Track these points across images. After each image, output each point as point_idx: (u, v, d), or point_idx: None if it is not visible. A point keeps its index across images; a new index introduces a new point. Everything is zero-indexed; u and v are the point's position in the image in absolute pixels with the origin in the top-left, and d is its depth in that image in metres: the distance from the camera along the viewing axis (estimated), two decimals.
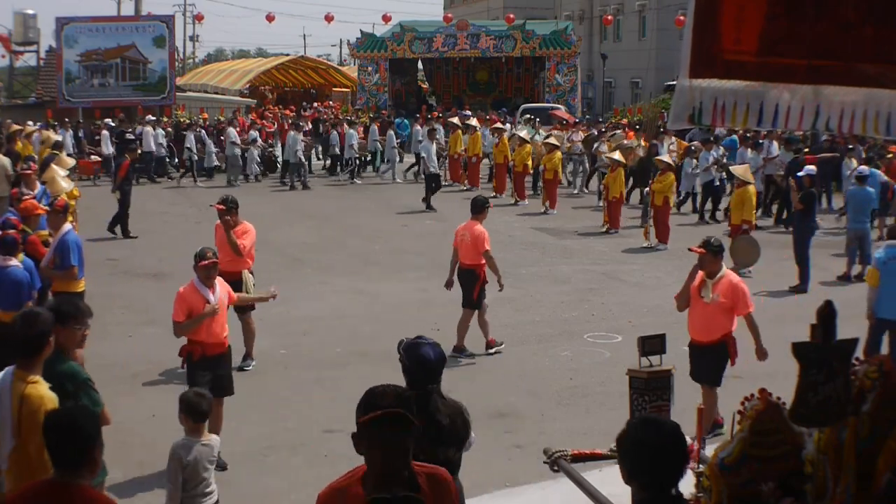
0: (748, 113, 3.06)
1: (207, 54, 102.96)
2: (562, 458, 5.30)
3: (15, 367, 5.03)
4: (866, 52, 3.00)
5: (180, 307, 7.82)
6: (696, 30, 3.01)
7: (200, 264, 7.92)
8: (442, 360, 4.70)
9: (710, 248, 8.30)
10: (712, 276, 8.36)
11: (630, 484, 3.39)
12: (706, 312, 8.35)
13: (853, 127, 3.08)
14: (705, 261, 8.34)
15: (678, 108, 3.12)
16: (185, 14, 70.48)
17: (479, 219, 11.38)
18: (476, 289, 11.18)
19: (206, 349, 7.85)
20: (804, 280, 14.50)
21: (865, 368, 3.83)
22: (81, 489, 3.90)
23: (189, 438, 5.89)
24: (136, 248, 17.75)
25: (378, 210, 22.87)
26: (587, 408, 9.41)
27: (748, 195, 16.02)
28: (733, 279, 8.41)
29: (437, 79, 46.15)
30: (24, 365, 5.02)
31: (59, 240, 9.81)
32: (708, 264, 8.35)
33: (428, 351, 4.64)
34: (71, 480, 3.88)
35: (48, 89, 36.04)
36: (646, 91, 49.89)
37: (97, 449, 3.97)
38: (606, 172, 21.38)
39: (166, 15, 36.82)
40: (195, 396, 6.03)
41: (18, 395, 4.92)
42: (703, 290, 8.38)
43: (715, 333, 8.39)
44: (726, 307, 8.29)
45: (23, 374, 4.99)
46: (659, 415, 4.74)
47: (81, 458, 3.90)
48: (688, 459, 3.58)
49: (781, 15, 2.99)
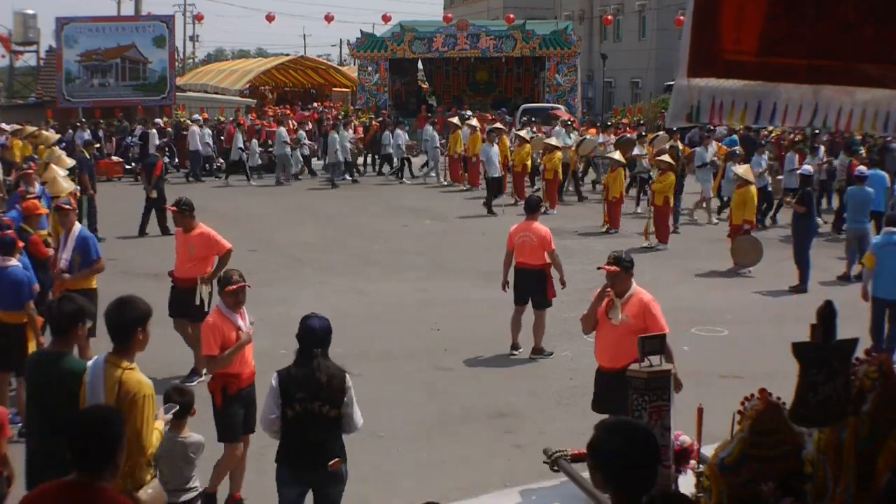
0: (746, 111, 3.06)
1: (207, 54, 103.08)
2: (562, 458, 5.32)
3: (107, 354, 5.15)
4: (867, 52, 3.00)
5: (214, 339, 7.05)
6: (695, 29, 3.01)
7: (228, 290, 7.18)
8: (326, 330, 5.82)
9: (622, 265, 7.53)
10: (621, 295, 7.56)
11: (605, 490, 3.37)
12: (615, 335, 7.45)
13: (850, 124, 3.08)
14: (617, 279, 7.54)
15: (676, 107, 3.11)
16: (185, 14, 70.53)
17: (535, 218, 11.22)
18: (549, 287, 11.06)
19: (241, 382, 7.23)
20: (804, 280, 14.50)
21: (865, 368, 3.83)
22: (105, 491, 3.85)
23: (167, 433, 5.93)
24: (137, 247, 17.75)
25: (378, 210, 22.87)
26: (587, 408, 9.39)
27: (749, 195, 16.01)
28: (644, 297, 7.57)
29: (437, 79, 46.13)
30: (118, 351, 5.13)
31: (77, 238, 9.81)
32: (619, 282, 7.56)
33: (315, 322, 5.81)
34: (93, 481, 3.83)
35: (48, 89, 36.06)
36: (646, 91, 49.90)
37: (121, 451, 3.94)
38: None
39: (166, 15, 36.83)
40: (176, 393, 6.12)
41: (114, 380, 5.03)
42: (610, 310, 7.60)
43: (625, 359, 6.94)
44: (637, 329, 7.12)
45: (116, 360, 5.10)
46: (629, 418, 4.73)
47: (106, 459, 3.87)
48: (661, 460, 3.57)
49: (781, 15, 2.99)
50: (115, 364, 5.07)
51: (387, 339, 11.22)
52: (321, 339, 5.82)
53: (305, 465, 5.79)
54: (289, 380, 5.75)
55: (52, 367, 5.49)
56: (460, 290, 14.11)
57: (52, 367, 5.48)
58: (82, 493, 3.83)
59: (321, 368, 5.73)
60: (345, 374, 5.83)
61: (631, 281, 7.60)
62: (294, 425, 5.74)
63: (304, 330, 5.81)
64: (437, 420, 9.07)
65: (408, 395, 9.72)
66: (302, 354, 5.79)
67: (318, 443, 5.77)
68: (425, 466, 7.85)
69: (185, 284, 10.15)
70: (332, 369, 5.79)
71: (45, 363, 5.59)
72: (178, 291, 10.30)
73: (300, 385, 5.71)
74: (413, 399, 9.60)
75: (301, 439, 5.77)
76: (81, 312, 5.58)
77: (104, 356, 5.14)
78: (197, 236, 10.15)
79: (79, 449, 3.88)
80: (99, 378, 5.07)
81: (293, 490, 5.91)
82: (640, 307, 7.46)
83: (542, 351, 11.08)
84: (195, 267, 10.10)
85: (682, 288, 14.82)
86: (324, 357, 5.80)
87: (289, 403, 5.74)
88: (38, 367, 5.69)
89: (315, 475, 5.82)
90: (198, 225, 10.23)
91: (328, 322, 5.90)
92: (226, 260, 10.26)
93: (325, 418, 5.73)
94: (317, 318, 5.88)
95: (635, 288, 7.61)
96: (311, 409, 5.71)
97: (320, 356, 5.78)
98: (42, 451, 5.39)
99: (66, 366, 5.49)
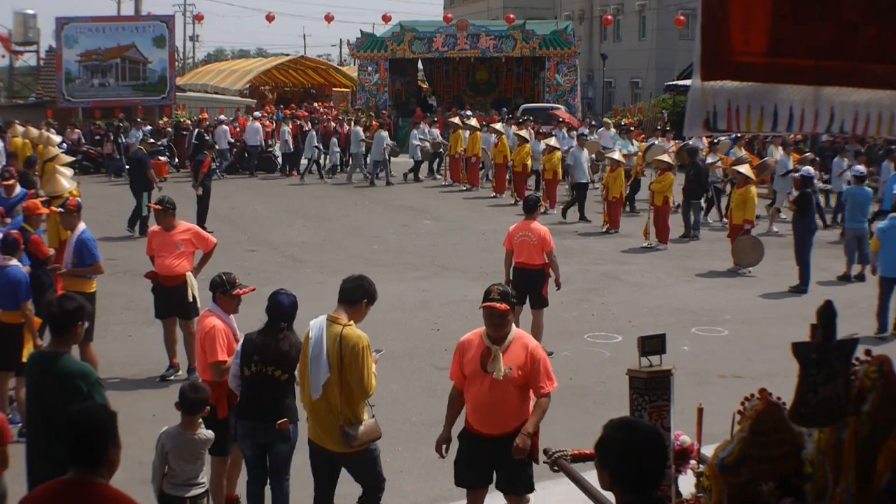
0: (762, 117, 3.01)
1: (207, 54, 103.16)
2: (562, 458, 5.31)
3: (328, 315, 6.12)
4: (873, 52, 2.99)
5: (221, 345, 6.85)
6: (704, 31, 2.98)
7: (236, 294, 7.15)
8: (293, 306, 6.47)
9: (510, 301, 6.03)
10: (500, 342, 5.99)
11: (612, 490, 3.36)
12: (495, 394, 5.96)
13: (867, 129, 3.05)
14: (504, 320, 5.97)
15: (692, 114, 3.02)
16: (185, 14, 70.53)
17: (534, 217, 11.18)
18: (546, 288, 11.04)
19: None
20: (804, 281, 14.50)
21: (865, 368, 3.84)
22: (102, 487, 3.87)
23: (178, 428, 6.10)
24: (137, 247, 17.73)
25: (378, 210, 22.88)
26: (587, 408, 9.40)
27: (750, 195, 16.01)
28: (529, 343, 6.12)
29: (437, 79, 46.13)
30: (341, 311, 6.12)
31: (77, 239, 9.67)
32: (505, 324, 5.99)
33: (283, 298, 6.46)
34: (90, 478, 3.85)
35: (48, 89, 36.02)
36: (646, 91, 49.90)
37: (115, 449, 3.94)
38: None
39: (166, 15, 36.78)
40: (191, 390, 6.19)
41: (335, 335, 6.00)
42: (489, 362, 5.96)
43: (512, 421, 6.04)
44: (522, 384, 6.01)
45: (336, 318, 6.09)
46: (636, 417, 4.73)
47: (100, 455, 3.87)
48: (668, 460, 3.57)
49: (788, 16, 2.98)
50: (335, 321, 6.07)
51: (387, 339, 11.19)
52: (288, 314, 6.46)
53: (257, 420, 6.40)
54: (250, 344, 6.41)
55: (52, 367, 5.50)
56: (460, 290, 14.10)
57: (53, 368, 5.49)
58: (81, 491, 3.84)
59: (286, 339, 6.38)
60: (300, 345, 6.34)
61: (512, 324, 6.11)
62: (249, 384, 6.42)
63: (273, 304, 6.45)
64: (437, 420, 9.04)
65: (408, 395, 9.72)
66: (269, 325, 6.42)
67: (268, 402, 6.37)
68: (425, 466, 7.85)
69: (171, 282, 10.02)
70: (293, 340, 6.41)
71: (45, 363, 5.60)
72: (164, 290, 10.10)
73: (258, 349, 6.37)
74: (413, 399, 9.60)
75: (254, 398, 6.41)
76: (81, 311, 5.60)
77: (325, 316, 6.12)
78: (183, 233, 10.12)
79: (73, 447, 3.91)
80: (322, 333, 6.03)
81: (246, 443, 6.51)
82: (525, 355, 5.99)
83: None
84: (183, 264, 10.05)
85: (682, 288, 14.83)
86: (289, 330, 6.45)
87: (246, 364, 6.40)
88: (38, 368, 5.70)
89: (266, 433, 6.40)
90: (179, 223, 10.21)
91: (295, 298, 6.55)
92: (210, 255, 10.28)
93: (277, 382, 6.38)
94: (285, 295, 6.51)
95: (516, 331, 6.14)
96: (264, 372, 6.37)
97: (286, 329, 6.43)
98: (43, 451, 5.40)
99: (66, 366, 5.50)
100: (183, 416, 6.11)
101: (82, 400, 5.14)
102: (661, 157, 19.39)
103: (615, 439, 3.34)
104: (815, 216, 15.58)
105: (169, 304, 10.15)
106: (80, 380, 5.43)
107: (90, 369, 5.70)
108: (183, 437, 6.05)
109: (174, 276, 10.02)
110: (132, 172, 19.98)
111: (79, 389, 5.34)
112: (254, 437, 6.46)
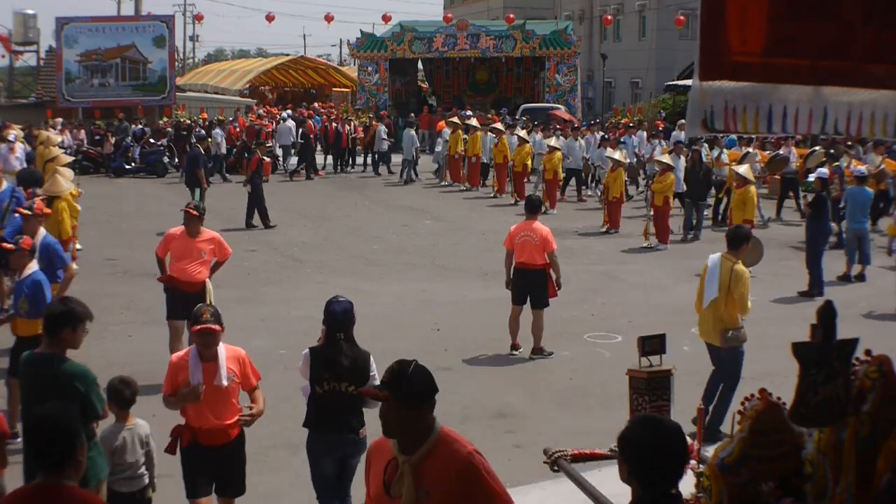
0: (758, 117, 3.03)
1: (207, 54, 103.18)
2: (562, 458, 5.30)
3: (722, 254, 8.47)
4: (871, 53, 2.99)
5: (169, 378, 6.08)
6: (703, 31, 3.00)
7: (193, 329, 6.03)
8: (345, 314, 6.15)
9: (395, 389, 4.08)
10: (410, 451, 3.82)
11: (630, 483, 3.39)
12: None
13: (861, 129, 3.06)
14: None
15: (692, 113, 3.08)
16: (185, 14, 70.57)
17: (535, 217, 11.17)
18: (550, 287, 11.05)
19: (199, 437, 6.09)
20: (816, 284, 14.16)
21: (865, 368, 3.83)
22: (70, 489, 3.82)
23: (116, 424, 6.02)
24: (136, 247, 17.73)
25: (378, 210, 22.88)
26: (587, 408, 9.40)
27: (749, 195, 15.99)
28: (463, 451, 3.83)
29: (437, 79, 46.15)
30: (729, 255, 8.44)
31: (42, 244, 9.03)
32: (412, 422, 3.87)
33: (335, 307, 6.18)
34: (58, 482, 3.81)
35: (48, 89, 36.03)
36: (646, 91, 49.90)
37: (81, 448, 3.89)
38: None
39: (166, 15, 36.80)
40: (119, 384, 6.09)
41: (728, 268, 8.30)
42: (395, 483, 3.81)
43: None
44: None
45: (729, 257, 8.41)
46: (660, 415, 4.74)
47: (66, 457, 3.81)
48: (688, 459, 3.58)
49: (784, 16, 2.98)
50: (728, 259, 8.34)
51: (387, 339, 11.19)
52: (341, 322, 6.15)
53: (338, 433, 6.19)
54: (317, 360, 6.20)
55: (47, 368, 5.52)
56: (460, 290, 14.11)
57: (48, 369, 5.51)
58: (49, 495, 3.80)
59: (344, 353, 6.11)
60: (367, 357, 6.21)
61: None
62: (325, 399, 6.18)
63: (327, 314, 6.19)
64: None
65: None
66: (328, 337, 6.20)
67: (348, 415, 6.16)
68: None
69: (190, 289, 9.85)
70: (354, 352, 6.16)
71: (40, 365, 5.61)
72: (182, 295, 9.90)
73: (328, 367, 6.15)
74: None
75: (332, 413, 6.18)
76: (69, 315, 5.59)
77: (720, 253, 8.38)
78: (208, 241, 10.01)
79: (38, 451, 3.86)
80: (716, 266, 8.35)
81: (327, 459, 6.26)
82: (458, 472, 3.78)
83: (542, 351, 11.08)
84: (204, 271, 9.97)
85: (682, 288, 14.80)
86: (346, 340, 6.16)
87: (318, 382, 6.17)
88: (32, 369, 5.70)
89: (345, 445, 6.21)
90: (203, 230, 10.08)
91: (348, 305, 6.23)
92: (223, 264, 10.28)
93: (349, 395, 6.09)
94: (337, 303, 6.20)
95: (438, 433, 3.88)
96: (338, 389, 6.12)
97: (343, 339, 6.14)
98: None
99: (63, 368, 5.49)
100: (116, 411, 6.00)
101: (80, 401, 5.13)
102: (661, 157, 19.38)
103: (635, 434, 3.38)
104: (829, 220, 15.52)
105: (185, 309, 10.06)
106: (78, 381, 5.43)
107: (87, 370, 5.68)
108: (124, 431, 6.00)
109: (194, 283, 9.88)
110: (188, 169, 20.79)
111: (76, 390, 5.33)
112: (335, 451, 6.31)
